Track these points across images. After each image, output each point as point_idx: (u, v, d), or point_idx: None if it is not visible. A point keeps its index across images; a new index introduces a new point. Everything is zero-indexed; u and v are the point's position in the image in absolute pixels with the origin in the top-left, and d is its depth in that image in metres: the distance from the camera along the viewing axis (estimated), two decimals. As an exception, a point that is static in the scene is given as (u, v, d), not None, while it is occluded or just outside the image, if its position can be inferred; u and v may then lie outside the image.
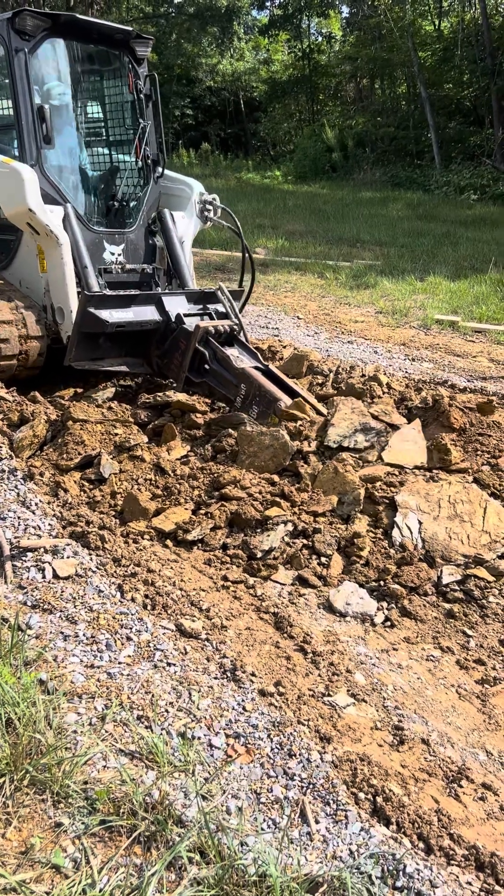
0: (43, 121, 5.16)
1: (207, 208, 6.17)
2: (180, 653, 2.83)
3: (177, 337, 5.18)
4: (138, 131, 5.85)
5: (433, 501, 3.77)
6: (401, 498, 3.78)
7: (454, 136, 24.67)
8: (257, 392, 4.79)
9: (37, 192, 5.03)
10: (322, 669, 2.83)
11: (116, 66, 5.94)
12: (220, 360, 5.05)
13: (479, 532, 3.60)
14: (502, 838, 2.15)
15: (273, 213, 17.00)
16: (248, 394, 4.83)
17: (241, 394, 4.87)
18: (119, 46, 5.73)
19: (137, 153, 5.87)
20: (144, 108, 5.87)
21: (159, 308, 5.28)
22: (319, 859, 1.98)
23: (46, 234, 5.14)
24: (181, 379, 5.15)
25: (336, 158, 26.75)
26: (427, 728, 2.58)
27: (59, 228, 5.17)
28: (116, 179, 6.02)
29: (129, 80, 5.82)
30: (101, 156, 6.23)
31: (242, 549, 3.62)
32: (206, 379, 5.11)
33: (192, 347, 5.06)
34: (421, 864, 1.99)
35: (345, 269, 11.16)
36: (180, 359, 5.13)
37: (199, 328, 5.05)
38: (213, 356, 5.08)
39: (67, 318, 5.27)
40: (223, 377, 5.02)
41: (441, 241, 13.64)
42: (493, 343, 7.86)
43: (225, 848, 1.93)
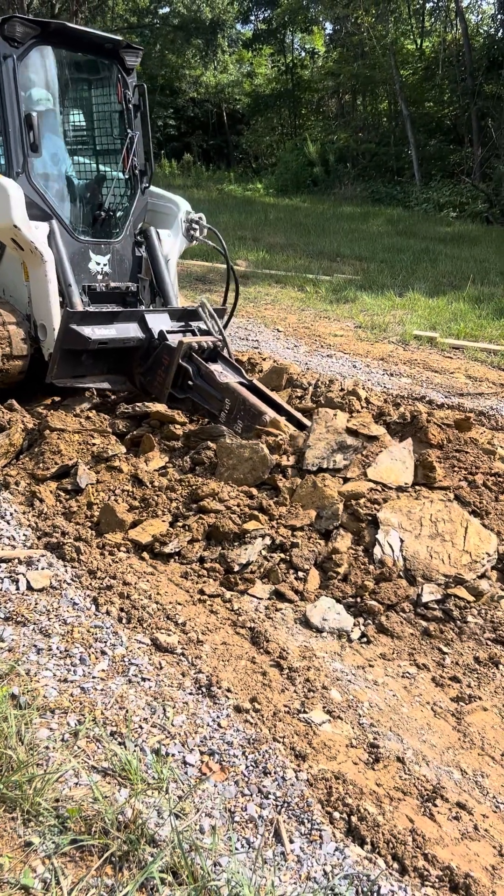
0: (30, 128, 5.08)
1: (194, 227, 6.13)
2: (155, 667, 2.81)
3: (160, 353, 5.15)
4: (126, 141, 5.80)
5: (415, 520, 3.77)
6: (383, 515, 3.77)
7: (434, 154, 24.95)
8: (242, 406, 4.76)
9: (22, 208, 4.93)
10: (298, 685, 2.81)
11: (105, 75, 5.88)
12: (204, 375, 5.02)
13: (460, 552, 3.60)
14: (476, 858, 2.14)
15: (254, 226, 17.05)
16: (232, 408, 4.79)
17: (225, 408, 4.83)
18: (108, 56, 5.68)
19: (125, 163, 5.81)
20: (133, 118, 5.83)
21: (142, 325, 5.26)
22: (293, 880, 1.96)
23: (31, 251, 5.06)
24: (164, 395, 5.11)
25: (317, 173, 26.93)
26: (402, 746, 2.57)
27: (44, 245, 5.09)
28: (103, 189, 5.96)
29: (117, 89, 5.77)
30: (88, 165, 6.18)
31: (220, 562, 3.60)
32: (189, 395, 5.08)
33: (176, 363, 5.03)
34: (395, 886, 1.98)
35: (325, 283, 11.21)
36: (164, 375, 5.11)
37: (182, 344, 5.03)
38: (197, 372, 5.04)
39: (50, 335, 5.17)
40: (207, 392, 4.98)
41: (420, 258, 13.76)
42: (471, 360, 7.93)
43: (198, 868, 1.90)
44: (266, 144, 35.22)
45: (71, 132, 6.19)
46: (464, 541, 3.65)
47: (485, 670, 3.03)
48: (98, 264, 5.64)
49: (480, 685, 2.95)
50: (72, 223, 5.49)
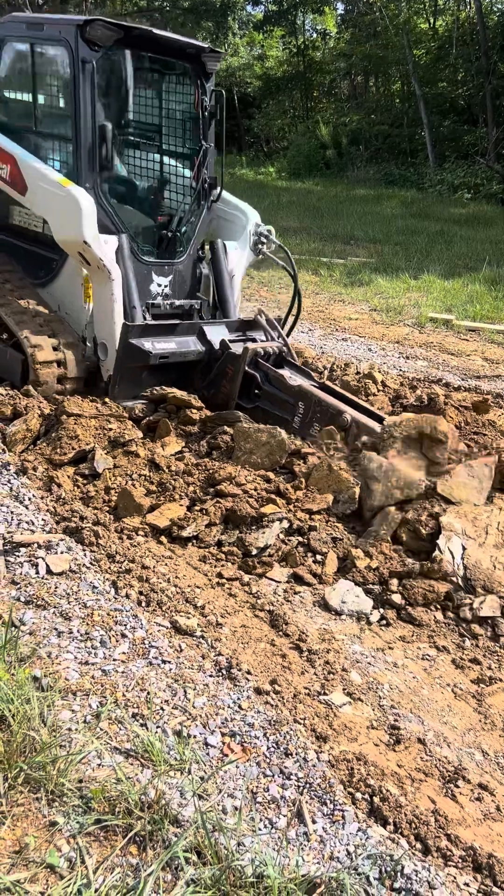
0: (104, 141, 4.79)
1: (262, 241, 5.77)
2: (175, 650, 2.81)
3: (223, 364, 4.95)
4: (199, 153, 5.42)
5: (480, 527, 3.58)
6: (446, 520, 3.58)
7: (448, 135, 24.64)
8: (317, 407, 4.54)
9: (94, 223, 4.65)
10: (318, 668, 2.81)
11: (183, 83, 5.54)
12: (273, 380, 4.80)
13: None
14: (499, 839, 2.14)
15: (267, 210, 16.93)
16: (307, 411, 4.59)
17: (299, 412, 4.62)
18: (189, 61, 5.31)
19: (196, 176, 5.45)
20: (207, 127, 5.45)
21: (201, 338, 5.05)
22: (317, 860, 1.97)
23: (98, 268, 4.79)
24: (232, 407, 4.86)
25: (330, 155, 26.69)
26: (423, 727, 2.57)
27: (113, 262, 4.81)
28: (172, 205, 5.64)
29: (195, 96, 5.39)
30: (159, 180, 5.80)
31: (237, 546, 3.60)
32: (258, 403, 4.86)
33: (242, 371, 4.83)
34: (419, 865, 1.98)
35: (339, 267, 11.14)
36: (229, 385, 4.90)
37: (247, 350, 4.84)
38: (265, 378, 4.84)
39: (111, 354, 4.93)
40: (278, 398, 4.76)
41: (435, 240, 13.63)
42: (487, 342, 7.86)
43: (222, 848, 1.91)
44: (278, 128, 34.92)
45: (143, 144, 5.87)
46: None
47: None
48: (159, 286, 5.35)
49: (501, 667, 2.94)
50: (137, 243, 5.22)
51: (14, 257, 5.61)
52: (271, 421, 4.67)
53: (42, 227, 5.26)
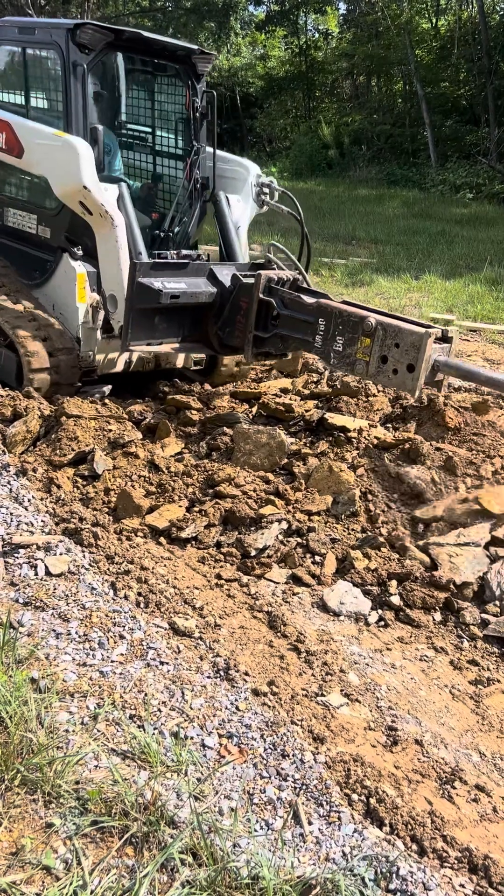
0: (95, 143, 4.80)
1: (264, 191, 5.74)
2: (173, 651, 2.82)
3: (237, 296, 4.85)
4: (191, 153, 5.51)
5: None
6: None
7: (450, 135, 24.61)
8: (339, 319, 4.37)
9: (93, 169, 4.62)
10: (315, 669, 2.82)
11: (174, 84, 5.62)
12: (290, 303, 4.66)
13: None
14: (496, 840, 2.14)
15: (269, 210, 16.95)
16: (328, 327, 4.42)
17: (319, 331, 4.47)
18: (180, 63, 5.39)
19: (188, 176, 5.51)
20: (199, 127, 5.52)
21: (211, 279, 4.96)
22: (312, 861, 1.97)
23: (101, 215, 4.74)
24: (249, 340, 4.77)
25: (332, 155, 26.69)
26: (420, 729, 2.57)
27: (115, 209, 4.76)
28: (165, 205, 5.72)
29: (186, 98, 5.46)
30: (152, 179, 5.89)
31: (236, 547, 3.60)
32: (276, 331, 4.74)
33: (257, 300, 4.71)
34: (414, 867, 1.98)
35: (340, 267, 11.14)
36: (244, 319, 4.80)
37: (260, 276, 4.72)
38: (282, 303, 4.70)
39: (120, 306, 4.86)
40: (296, 320, 4.63)
41: (436, 240, 13.62)
42: (488, 342, 7.86)
43: (218, 849, 1.91)
44: (280, 128, 34.92)
45: (135, 144, 5.94)
46: None
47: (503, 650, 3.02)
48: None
49: (499, 668, 2.94)
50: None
51: (8, 259, 5.63)
52: (292, 345, 4.69)
53: (36, 229, 5.29)
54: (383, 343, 4.18)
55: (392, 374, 4.19)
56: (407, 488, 4.01)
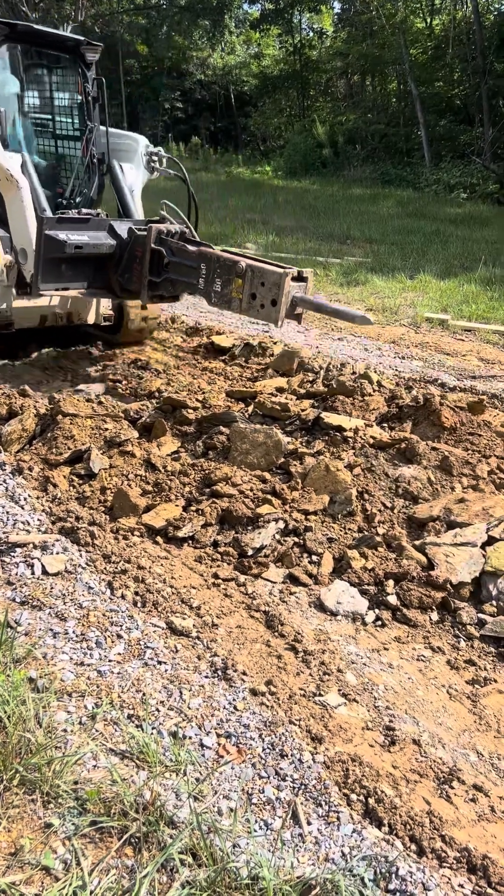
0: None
1: (154, 159, 6.51)
2: (171, 651, 2.81)
3: (133, 247, 5.45)
4: (86, 132, 6.19)
5: None
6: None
7: (444, 134, 24.68)
8: (216, 265, 5.00)
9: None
10: (313, 668, 2.81)
11: (68, 71, 6.29)
12: (177, 251, 5.28)
13: None
14: (494, 840, 2.15)
15: (263, 209, 16.95)
16: (208, 271, 5.06)
17: (202, 274, 5.09)
18: (70, 52, 6.06)
19: (84, 152, 6.20)
20: (92, 110, 6.18)
21: (111, 233, 5.58)
22: (312, 861, 1.97)
23: (7, 179, 5.36)
24: (144, 284, 5.39)
25: (326, 154, 26.72)
26: (418, 728, 2.58)
27: (19, 173, 5.38)
28: (65, 180, 6.34)
29: (79, 84, 6.19)
30: (51, 155, 6.56)
31: (233, 546, 3.60)
32: (167, 276, 5.34)
33: (149, 249, 5.31)
34: (413, 867, 1.98)
35: (335, 266, 11.14)
36: (140, 266, 5.41)
37: (152, 228, 5.34)
38: (171, 251, 5.31)
39: (30, 257, 5.44)
40: (183, 266, 5.23)
41: (431, 239, 13.64)
42: (483, 342, 7.87)
43: (217, 850, 1.91)
44: (274, 126, 34.94)
45: (35, 124, 6.55)
46: None
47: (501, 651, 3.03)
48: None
49: (496, 668, 2.94)
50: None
51: None
52: (180, 288, 5.42)
53: None
54: (252, 282, 4.83)
55: (260, 308, 4.85)
56: (403, 488, 4.02)
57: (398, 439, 4.40)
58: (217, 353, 6.66)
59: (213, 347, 6.71)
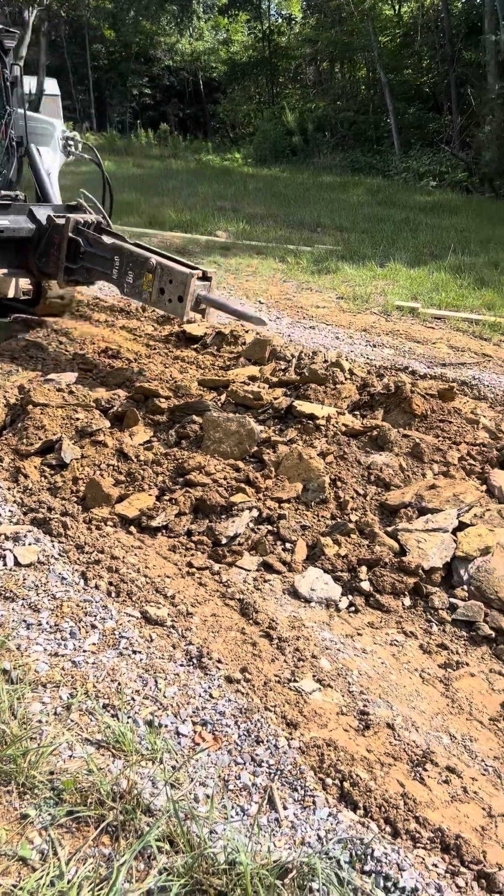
0: None
1: (69, 143, 6.82)
2: (146, 640, 2.81)
3: (51, 233, 5.70)
4: (4, 116, 6.33)
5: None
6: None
7: (413, 122, 24.73)
8: (129, 258, 5.30)
9: None
10: (288, 655, 2.83)
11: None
12: (93, 242, 5.57)
13: None
14: (466, 820, 2.19)
15: (233, 196, 16.87)
16: (121, 263, 5.36)
17: (115, 266, 5.40)
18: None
19: (3, 135, 6.36)
20: (10, 94, 6.35)
21: (31, 217, 5.81)
22: (288, 845, 1.99)
23: None
24: (61, 269, 5.69)
25: (296, 142, 26.65)
26: (392, 712, 2.61)
27: None
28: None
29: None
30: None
31: (207, 535, 3.60)
32: (83, 263, 5.64)
33: (66, 237, 5.59)
34: (388, 848, 2.01)
35: (306, 254, 11.14)
36: (57, 252, 5.69)
37: (70, 219, 5.61)
38: (87, 242, 5.60)
39: None
40: (98, 256, 5.54)
41: (401, 228, 13.69)
42: (452, 329, 7.93)
43: (194, 836, 1.92)
44: (243, 113, 34.74)
45: None
46: None
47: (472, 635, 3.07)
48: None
49: (468, 651, 2.99)
50: None
51: None
52: (95, 276, 5.73)
53: None
54: (161, 279, 5.15)
55: (168, 302, 5.18)
56: (375, 475, 4.04)
57: (370, 427, 4.42)
58: (189, 341, 6.63)
59: (185, 336, 6.68)
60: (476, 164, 20.13)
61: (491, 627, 3.09)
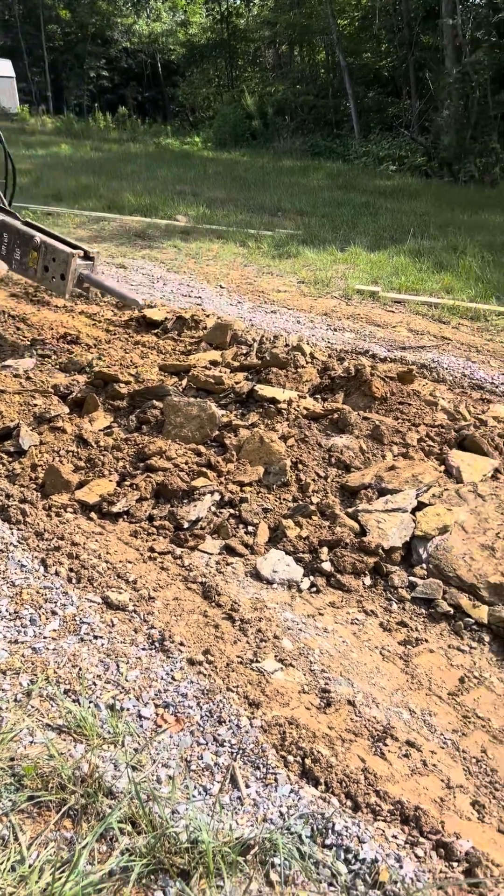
0: None
1: None
2: (107, 625, 2.81)
3: None
4: None
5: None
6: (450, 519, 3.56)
7: (373, 106, 24.75)
8: (17, 236, 5.51)
9: None
10: (250, 636, 2.85)
11: None
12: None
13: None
14: (426, 792, 2.23)
15: (193, 180, 16.74)
16: (10, 241, 5.56)
17: (4, 242, 5.60)
18: None
19: None
20: None
21: None
22: (250, 823, 2.01)
23: None
24: None
25: (256, 126, 26.51)
26: (353, 690, 2.64)
27: None
28: None
29: None
30: None
31: (169, 520, 3.59)
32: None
33: None
34: (349, 822, 2.04)
35: (267, 239, 11.11)
36: None
37: None
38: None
39: None
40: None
41: (361, 212, 13.71)
42: (412, 313, 7.99)
43: (156, 817, 1.93)
44: (203, 97, 34.44)
45: None
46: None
47: (431, 612, 3.12)
48: None
49: (427, 628, 3.03)
50: None
51: None
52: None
53: None
54: (45, 257, 5.40)
55: (52, 280, 5.42)
56: (336, 457, 4.07)
57: (331, 410, 4.44)
58: (149, 326, 6.58)
59: (145, 321, 6.63)
60: (435, 148, 20.22)
61: (449, 604, 3.14)
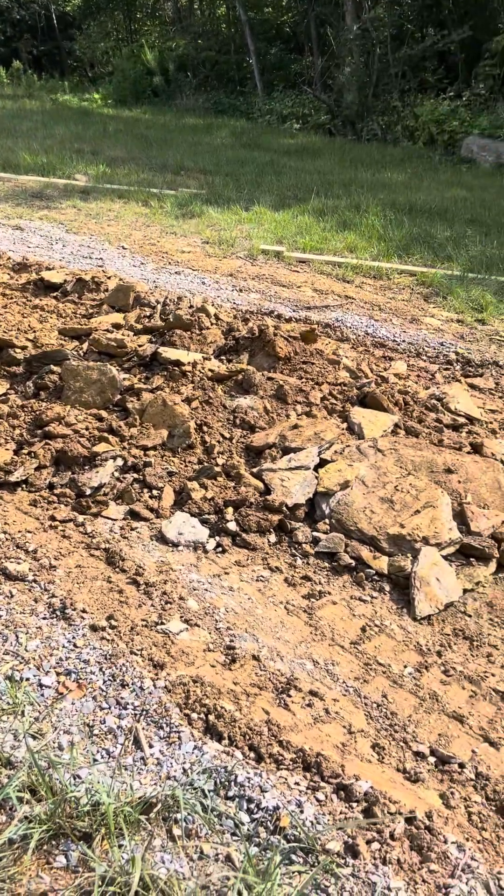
0: None
1: None
2: (5, 597, 2.74)
3: None
4: None
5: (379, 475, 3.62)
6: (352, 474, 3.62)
7: (275, 63, 24.43)
8: None
9: None
10: (155, 599, 2.84)
11: None
12: None
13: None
14: (328, 738, 2.29)
15: (93, 138, 16.21)
16: None
17: None
18: None
19: None
20: None
21: None
22: (154, 781, 2.02)
23: None
24: None
25: (157, 82, 25.79)
26: (258, 645, 2.67)
27: None
28: None
29: None
30: None
31: (70, 487, 3.53)
32: None
33: None
34: (252, 773, 2.08)
35: (170, 198, 10.90)
36: None
37: None
38: None
39: None
40: None
41: (265, 170, 13.60)
42: (316, 273, 8.01)
43: (56, 783, 1.91)
44: (101, 51, 33.20)
45: None
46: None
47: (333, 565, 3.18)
48: None
49: (329, 581, 3.09)
50: None
51: None
52: None
53: None
54: None
55: None
56: (241, 418, 4.07)
57: (235, 371, 4.43)
58: (48, 289, 6.38)
59: (44, 284, 6.42)
60: (338, 106, 20.17)
61: (351, 557, 3.21)
